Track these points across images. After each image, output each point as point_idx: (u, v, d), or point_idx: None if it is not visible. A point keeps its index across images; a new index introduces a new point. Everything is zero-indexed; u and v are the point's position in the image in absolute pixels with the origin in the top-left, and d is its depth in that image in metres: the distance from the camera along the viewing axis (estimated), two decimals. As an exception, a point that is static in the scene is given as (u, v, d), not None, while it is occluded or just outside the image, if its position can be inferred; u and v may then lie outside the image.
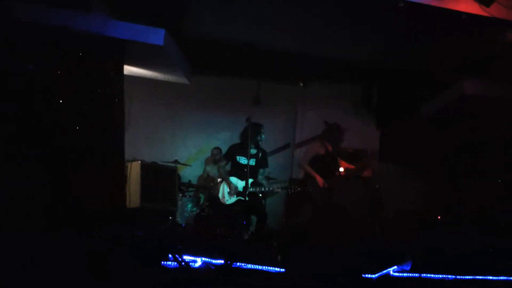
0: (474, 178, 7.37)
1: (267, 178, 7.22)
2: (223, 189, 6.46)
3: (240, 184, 6.34)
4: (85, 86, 6.09)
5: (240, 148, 6.50)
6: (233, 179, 6.43)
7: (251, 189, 6.22)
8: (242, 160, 6.43)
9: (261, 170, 6.49)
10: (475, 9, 5.70)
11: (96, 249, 4.07)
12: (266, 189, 6.38)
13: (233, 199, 6.36)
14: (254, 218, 6.56)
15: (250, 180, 6.21)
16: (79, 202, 5.50)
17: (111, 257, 4.01)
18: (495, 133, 7.26)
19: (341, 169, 7.01)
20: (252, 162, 6.36)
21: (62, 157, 5.60)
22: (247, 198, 6.16)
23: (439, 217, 6.79)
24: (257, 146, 6.48)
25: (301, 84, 8.78)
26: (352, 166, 7.02)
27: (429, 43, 6.59)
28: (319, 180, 6.71)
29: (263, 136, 6.48)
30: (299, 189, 6.39)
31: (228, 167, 6.59)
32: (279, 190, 6.48)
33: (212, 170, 7.93)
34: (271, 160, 6.97)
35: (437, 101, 7.85)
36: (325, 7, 5.93)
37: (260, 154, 6.53)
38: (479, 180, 7.26)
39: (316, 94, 8.87)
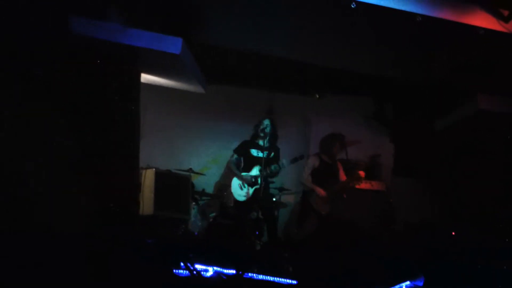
0: (490, 193, 7.29)
1: (280, 189, 7.24)
2: (234, 185, 6.49)
3: (249, 175, 6.39)
4: (101, 93, 6.15)
5: (251, 141, 6.56)
6: (243, 174, 6.46)
7: (264, 173, 6.27)
8: (254, 152, 6.47)
9: (272, 166, 6.50)
10: (493, 24, 5.68)
11: (108, 254, 4.09)
12: (276, 167, 6.40)
13: (245, 191, 6.36)
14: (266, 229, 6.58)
15: (258, 167, 6.26)
16: (93, 207, 5.54)
17: (122, 263, 4.03)
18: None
19: (345, 181, 7.02)
20: (264, 155, 6.38)
21: (77, 163, 5.64)
22: (259, 183, 6.21)
23: (453, 233, 6.73)
24: (270, 141, 6.51)
25: (317, 96, 8.79)
26: (358, 177, 7.00)
27: (445, 57, 6.57)
28: (320, 192, 6.76)
29: (276, 131, 6.54)
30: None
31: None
32: (287, 163, 6.53)
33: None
34: (284, 172, 6.99)
35: (452, 115, 7.81)
36: (341, 21, 5.94)
37: (273, 149, 6.56)
38: (495, 195, 7.18)
39: (330, 106, 8.86)
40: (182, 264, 4.31)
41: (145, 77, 7.31)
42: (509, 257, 5.23)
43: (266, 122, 6.64)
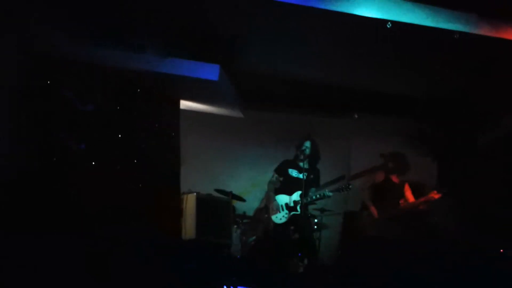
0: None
1: (322, 210, 7.19)
2: (274, 207, 6.49)
3: (290, 199, 6.36)
4: (143, 122, 6.31)
5: (292, 162, 6.56)
6: (281, 197, 6.44)
7: (304, 200, 6.23)
8: (294, 173, 6.46)
9: (312, 189, 6.46)
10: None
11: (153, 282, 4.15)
12: (318, 195, 6.34)
13: (285, 215, 6.35)
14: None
15: (299, 193, 6.24)
16: (138, 233, 5.63)
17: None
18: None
19: (409, 202, 6.87)
20: (304, 176, 6.36)
21: (122, 187, 5.77)
22: (299, 211, 6.16)
23: (501, 250, 6.52)
24: (310, 162, 6.49)
25: (356, 116, 8.74)
26: (417, 199, 6.85)
27: (487, 75, 6.47)
28: (373, 211, 6.63)
29: (319, 153, 6.51)
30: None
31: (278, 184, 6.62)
32: (330, 194, 6.38)
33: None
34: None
35: (494, 134, 7.66)
36: (377, 42, 5.94)
37: (312, 171, 6.53)
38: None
39: (369, 127, 8.79)
40: (225, 287, 4.33)
41: (185, 104, 7.45)
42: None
43: (307, 144, 6.64)
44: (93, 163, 5.92)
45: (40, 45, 5.59)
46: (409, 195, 6.95)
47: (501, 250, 6.47)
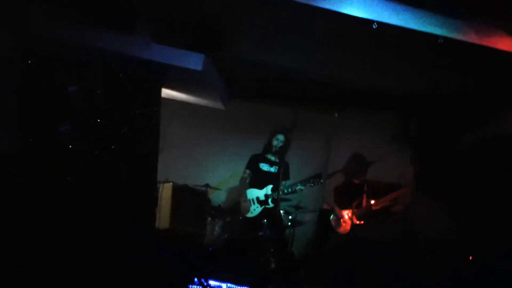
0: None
1: (297, 207, 7.20)
2: (246, 201, 6.49)
3: (261, 193, 6.36)
4: (122, 106, 6.23)
5: (261, 156, 6.56)
6: (253, 191, 6.44)
7: (274, 194, 6.24)
8: (265, 167, 6.45)
9: (283, 183, 6.47)
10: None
11: (120, 267, 4.12)
12: (289, 189, 6.35)
13: (257, 209, 6.35)
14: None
15: (271, 187, 6.24)
16: (109, 218, 5.59)
17: (136, 276, 4.05)
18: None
19: (372, 202, 6.96)
20: (274, 169, 6.37)
21: (96, 173, 5.71)
22: (271, 205, 6.16)
23: (470, 258, 6.60)
24: (279, 156, 6.50)
25: (336, 115, 8.75)
26: (383, 199, 6.93)
27: (470, 78, 6.53)
28: (338, 211, 6.72)
29: (289, 146, 6.53)
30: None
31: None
32: (302, 188, 6.39)
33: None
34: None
35: (478, 135, 7.72)
36: (362, 41, 5.95)
37: (282, 165, 6.54)
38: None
39: (351, 124, 8.81)
40: (196, 279, 4.32)
41: (166, 92, 7.39)
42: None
43: (280, 137, 6.64)
44: (70, 146, 5.84)
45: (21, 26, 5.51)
46: (366, 195, 7.06)
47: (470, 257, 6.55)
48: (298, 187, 6.30)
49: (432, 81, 6.93)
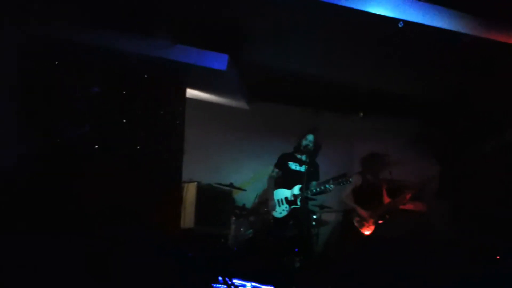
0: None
1: (321, 206, 7.17)
2: (274, 201, 6.46)
3: (289, 193, 6.35)
4: (147, 107, 6.29)
5: (291, 155, 6.54)
6: (281, 191, 6.42)
7: (302, 194, 6.20)
8: (294, 166, 6.43)
9: (313, 183, 6.42)
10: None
11: (148, 266, 4.14)
12: (319, 189, 6.29)
13: (285, 209, 6.32)
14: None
15: (299, 186, 6.22)
16: (137, 220, 5.63)
17: (162, 276, 4.08)
18: None
19: (394, 202, 6.92)
20: (303, 169, 6.33)
21: (123, 174, 5.76)
22: (299, 205, 6.14)
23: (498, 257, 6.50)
24: (310, 156, 6.47)
25: (361, 114, 8.71)
26: (400, 198, 6.90)
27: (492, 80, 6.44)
28: (360, 211, 6.69)
29: (320, 147, 6.51)
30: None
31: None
32: (332, 187, 6.26)
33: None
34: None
35: (498, 141, 7.63)
36: (387, 42, 5.90)
37: (312, 165, 6.50)
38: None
39: (373, 126, 8.77)
40: (220, 278, 4.33)
41: (191, 92, 7.42)
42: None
43: (310, 137, 6.60)
44: (96, 147, 5.90)
45: (43, 27, 5.57)
46: (385, 195, 7.06)
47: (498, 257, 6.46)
48: (328, 186, 6.22)
49: (456, 84, 6.86)
